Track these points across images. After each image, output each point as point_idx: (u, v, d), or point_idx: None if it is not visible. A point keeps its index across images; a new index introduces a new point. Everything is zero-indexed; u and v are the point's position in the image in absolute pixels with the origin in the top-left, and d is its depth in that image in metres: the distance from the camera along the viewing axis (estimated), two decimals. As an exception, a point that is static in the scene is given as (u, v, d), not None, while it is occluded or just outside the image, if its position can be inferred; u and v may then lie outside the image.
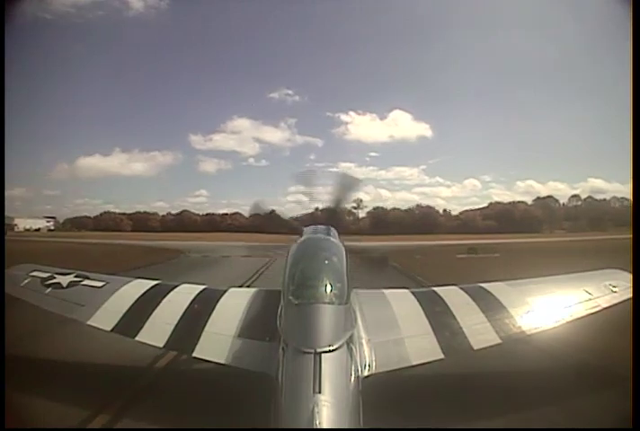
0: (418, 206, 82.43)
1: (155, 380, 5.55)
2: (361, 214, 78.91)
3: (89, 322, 4.59)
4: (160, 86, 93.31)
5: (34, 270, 5.69)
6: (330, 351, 3.06)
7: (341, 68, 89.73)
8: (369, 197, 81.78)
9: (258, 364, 3.73)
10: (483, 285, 5.12)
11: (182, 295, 4.91)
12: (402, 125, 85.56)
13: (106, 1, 74.40)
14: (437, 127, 75.57)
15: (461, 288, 5.06)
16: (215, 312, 4.52)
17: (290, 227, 6.43)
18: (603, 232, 54.34)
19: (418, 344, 4.04)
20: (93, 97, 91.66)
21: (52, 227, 77.94)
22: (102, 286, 5.19)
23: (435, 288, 5.07)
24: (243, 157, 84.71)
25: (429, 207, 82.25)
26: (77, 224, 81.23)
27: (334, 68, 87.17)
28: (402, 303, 4.67)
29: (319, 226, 6.13)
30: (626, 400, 3.54)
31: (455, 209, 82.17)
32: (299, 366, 3.00)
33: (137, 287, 5.14)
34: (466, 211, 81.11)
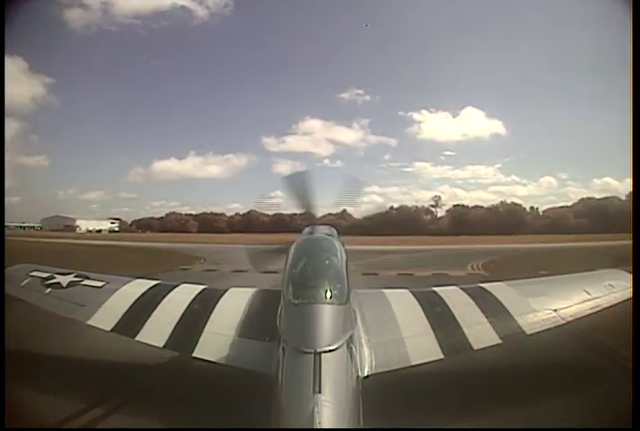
0: (502, 203, 74.44)
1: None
2: (440, 212, 76.00)
3: (89, 322, 4.60)
4: (231, 90, 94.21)
5: (34, 270, 5.70)
6: (330, 351, 3.06)
7: (410, 66, 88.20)
8: (445, 197, 78.90)
9: (258, 364, 3.73)
10: (483, 285, 5.13)
11: (182, 295, 4.91)
12: (475, 122, 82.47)
13: (170, 10, 75.51)
14: (510, 124, 73.18)
15: (461, 288, 5.06)
16: (215, 312, 4.52)
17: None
18: None
19: (418, 344, 4.05)
20: (167, 103, 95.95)
21: (116, 228, 78.12)
22: (101, 286, 5.19)
23: (435, 288, 5.07)
24: (317, 158, 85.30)
25: (514, 204, 73.58)
26: (143, 225, 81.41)
27: (403, 67, 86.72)
28: (402, 303, 4.67)
29: (319, 226, 6.12)
30: (623, 400, 3.55)
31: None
32: (299, 366, 3.00)
33: (137, 287, 5.14)
34: (554, 208, 73.34)
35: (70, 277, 5.45)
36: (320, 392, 2.70)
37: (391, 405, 3.87)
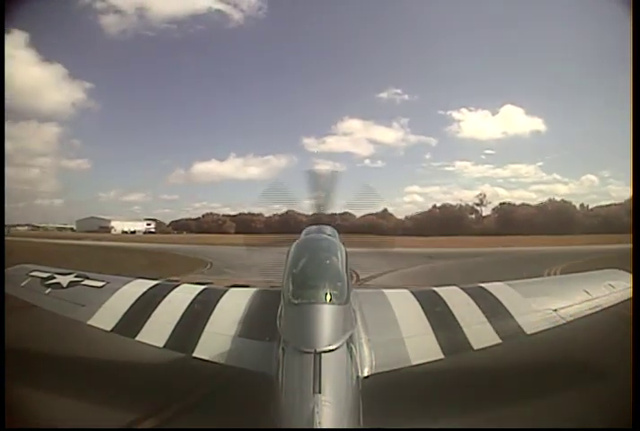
0: (550, 200, 69.92)
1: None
2: (485, 211, 72.41)
3: (89, 322, 4.61)
4: (270, 91, 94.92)
5: (34, 270, 5.70)
6: (330, 351, 3.06)
7: (447, 64, 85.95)
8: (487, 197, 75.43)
9: (258, 364, 3.73)
10: (483, 285, 5.13)
11: (182, 295, 4.91)
12: (514, 120, 78.93)
13: (206, 14, 76.41)
14: (550, 121, 70.71)
15: (461, 288, 5.06)
16: (215, 312, 4.53)
17: None
18: None
19: (418, 344, 4.05)
20: (206, 105, 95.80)
21: (153, 229, 78.53)
22: (102, 286, 5.20)
23: (435, 288, 5.07)
24: (358, 158, 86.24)
25: (564, 202, 68.67)
26: (180, 226, 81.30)
27: (440, 65, 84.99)
28: (402, 303, 4.67)
29: (319, 226, 6.13)
30: (623, 399, 3.55)
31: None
32: (299, 366, 3.00)
33: (137, 287, 5.14)
34: (603, 206, 68.00)
35: (70, 277, 5.45)
36: (320, 392, 2.70)
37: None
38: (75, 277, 5.48)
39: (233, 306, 4.64)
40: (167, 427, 4.28)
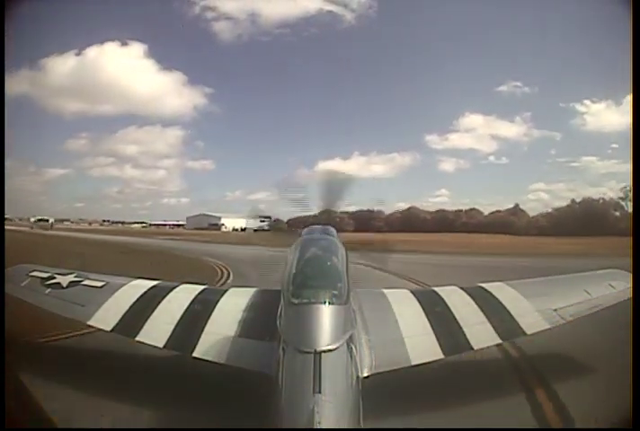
0: None
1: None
2: (631, 207, 59.31)
3: (89, 322, 4.62)
4: (386, 89, 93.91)
5: (34, 270, 5.71)
6: (330, 351, 3.06)
7: (565, 55, 77.85)
8: (612, 194, 67.38)
9: (258, 364, 3.73)
10: (483, 285, 5.13)
11: (182, 295, 4.92)
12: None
13: (317, 16, 76.44)
14: None
15: (461, 288, 5.06)
16: (215, 312, 4.53)
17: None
18: None
19: (418, 344, 4.05)
20: (328, 105, 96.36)
21: (266, 227, 78.02)
22: (102, 286, 5.20)
23: (435, 288, 5.08)
24: (482, 155, 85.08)
25: None
26: (295, 223, 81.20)
27: (558, 55, 77.51)
28: (402, 303, 4.67)
29: (320, 226, 6.13)
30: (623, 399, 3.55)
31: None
32: (299, 366, 3.00)
33: (137, 287, 5.15)
34: None
35: (70, 277, 5.46)
36: (320, 392, 2.69)
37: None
38: (75, 277, 5.49)
39: (233, 306, 4.64)
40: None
